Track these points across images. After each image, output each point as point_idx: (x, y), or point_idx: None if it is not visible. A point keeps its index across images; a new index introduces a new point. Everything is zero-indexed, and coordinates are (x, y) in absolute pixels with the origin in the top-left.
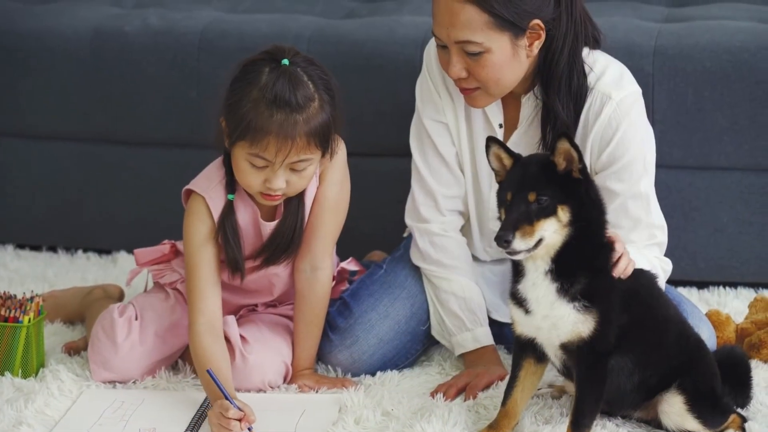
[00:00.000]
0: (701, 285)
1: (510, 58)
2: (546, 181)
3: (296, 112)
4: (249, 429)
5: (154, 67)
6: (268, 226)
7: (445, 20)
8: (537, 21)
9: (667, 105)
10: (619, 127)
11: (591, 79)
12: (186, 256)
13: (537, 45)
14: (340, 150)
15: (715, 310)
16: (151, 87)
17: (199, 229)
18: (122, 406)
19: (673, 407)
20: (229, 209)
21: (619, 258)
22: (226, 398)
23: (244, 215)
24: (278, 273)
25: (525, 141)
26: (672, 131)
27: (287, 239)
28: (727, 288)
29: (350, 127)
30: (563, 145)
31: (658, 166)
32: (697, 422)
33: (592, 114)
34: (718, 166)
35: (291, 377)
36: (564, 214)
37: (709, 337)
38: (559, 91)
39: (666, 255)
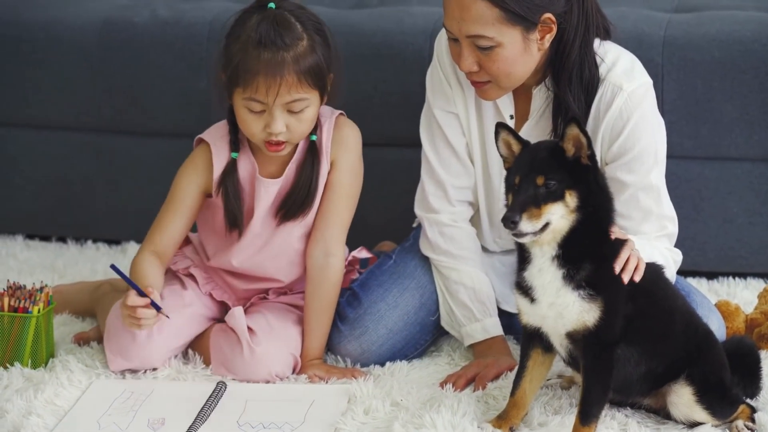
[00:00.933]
0: (711, 275)
1: (521, 52)
2: (555, 166)
3: (283, 50)
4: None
5: (163, 58)
6: (268, 183)
7: (456, 14)
8: (548, 15)
9: (677, 95)
10: (630, 118)
11: (602, 70)
12: (171, 189)
13: (548, 38)
14: (355, 136)
15: (724, 300)
16: (160, 78)
17: (193, 175)
18: (132, 396)
19: (682, 398)
20: (231, 167)
21: (621, 254)
22: (134, 288)
23: (242, 170)
24: (292, 245)
25: (536, 132)
26: (681, 122)
27: (304, 193)
28: (737, 278)
29: (359, 118)
30: (572, 130)
31: (668, 156)
32: (706, 413)
33: (603, 105)
34: (728, 156)
35: (301, 367)
36: (572, 199)
37: (718, 327)
38: (571, 82)
39: (675, 245)
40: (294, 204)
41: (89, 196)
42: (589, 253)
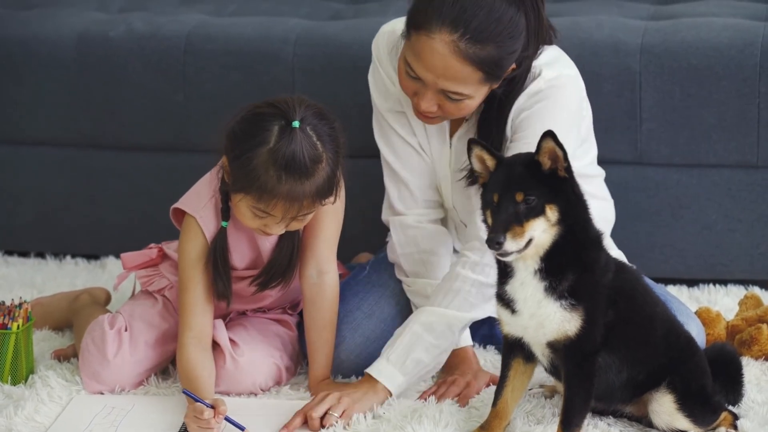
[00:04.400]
0: (691, 283)
1: (482, 98)
2: (532, 181)
3: (305, 177)
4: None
5: (140, 72)
6: (265, 239)
7: (437, 70)
8: (514, 64)
9: (654, 102)
10: (539, 102)
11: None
12: (179, 272)
13: (506, 77)
14: None
15: (705, 307)
16: (137, 92)
17: (193, 248)
18: (112, 412)
19: (663, 406)
20: (221, 236)
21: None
22: (200, 402)
23: (240, 229)
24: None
25: (473, 133)
26: (659, 129)
27: (283, 266)
28: (717, 285)
29: None
30: (548, 144)
31: (647, 164)
32: (687, 421)
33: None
34: (707, 163)
35: (310, 389)
36: (552, 213)
37: (697, 334)
38: (512, 92)
39: (655, 253)
40: (270, 278)
41: (68, 211)
42: (571, 263)
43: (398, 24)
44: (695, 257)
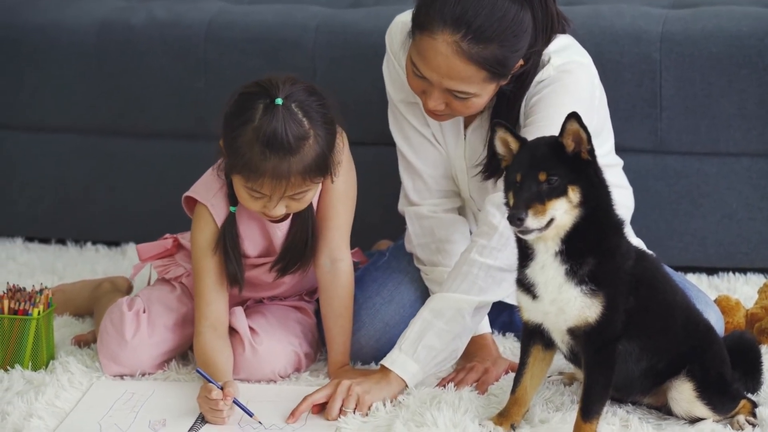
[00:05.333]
0: (711, 271)
1: (490, 96)
2: (555, 161)
3: (289, 154)
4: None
5: (161, 59)
6: (276, 227)
7: (441, 70)
8: (521, 61)
9: (675, 91)
10: (548, 86)
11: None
12: (193, 261)
13: (515, 73)
14: (342, 140)
15: (724, 295)
16: (158, 79)
17: (204, 236)
18: (132, 398)
19: (683, 394)
20: (230, 222)
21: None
22: (211, 382)
23: (251, 218)
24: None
25: (486, 127)
26: (680, 117)
27: (300, 250)
28: (737, 273)
29: (356, 117)
30: (572, 125)
31: (667, 152)
32: (706, 409)
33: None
34: (727, 151)
35: (330, 376)
36: (574, 194)
37: (716, 322)
38: (522, 86)
39: (675, 241)
40: (289, 262)
41: (88, 198)
42: (592, 248)
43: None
44: (715, 245)
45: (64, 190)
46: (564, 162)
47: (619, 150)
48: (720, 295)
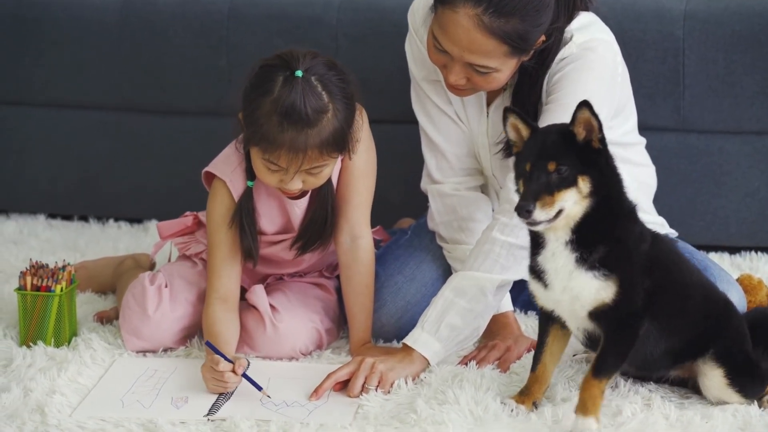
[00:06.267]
0: (733, 250)
1: (512, 71)
2: (566, 151)
3: (307, 126)
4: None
5: (183, 37)
6: (294, 204)
7: (462, 44)
8: (543, 36)
9: (698, 69)
10: (570, 63)
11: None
12: (207, 235)
13: (536, 49)
14: (362, 117)
15: (747, 274)
16: (180, 56)
17: (220, 210)
18: (155, 375)
19: (713, 381)
20: (247, 196)
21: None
22: (219, 354)
23: (269, 195)
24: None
25: (509, 103)
26: (702, 95)
27: (319, 228)
28: (759, 252)
29: (379, 95)
30: (583, 114)
31: (690, 130)
32: (738, 396)
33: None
34: (749, 130)
35: (351, 353)
36: (584, 184)
37: (738, 300)
38: (544, 63)
39: (697, 220)
40: (310, 238)
41: (110, 175)
42: (603, 236)
43: None
44: (737, 224)
45: (86, 167)
46: (574, 151)
47: (642, 128)
48: (742, 274)
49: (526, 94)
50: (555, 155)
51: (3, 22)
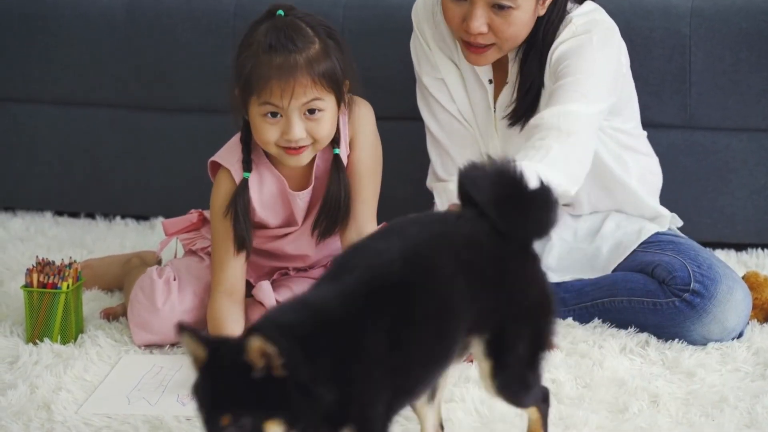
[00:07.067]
0: (739, 247)
1: (530, 16)
2: (241, 393)
3: (294, 53)
4: None
5: (190, 34)
6: (297, 196)
7: None
8: None
9: (704, 66)
10: (573, 37)
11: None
12: (211, 226)
13: (548, 2)
14: (368, 113)
15: (753, 271)
16: (187, 54)
17: (224, 199)
18: (161, 372)
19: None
20: (242, 187)
21: None
22: None
23: (272, 186)
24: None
25: (514, 96)
26: (709, 93)
27: (335, 207)
28: (765, 250)
29: (386, 91)
30: (254, 343)
31: (696, 128)
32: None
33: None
34: (756, 127)
35: None
36: (277, 429)
37: (743, 298)
38: (545, 38)
39: (703, 217)
40: (328, 221)
41: (117, 173)
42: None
43: None
44: (744, 221)
45: (93, 164)
46: (253, 389)
47: (648, 125)
48: (748, 272)
49: (530, 76)
50: (227, 403)
51: (10, 19)
